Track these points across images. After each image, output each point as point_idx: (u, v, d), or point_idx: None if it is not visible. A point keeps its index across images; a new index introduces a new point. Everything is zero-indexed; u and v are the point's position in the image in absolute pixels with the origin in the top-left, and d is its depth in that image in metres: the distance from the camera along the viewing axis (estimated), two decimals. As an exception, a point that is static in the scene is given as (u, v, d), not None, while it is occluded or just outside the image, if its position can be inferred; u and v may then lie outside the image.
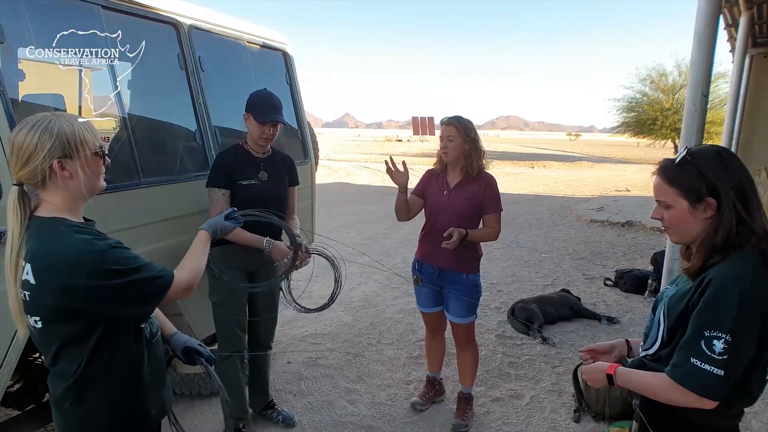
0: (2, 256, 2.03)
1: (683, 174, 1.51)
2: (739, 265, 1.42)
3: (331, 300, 3.07)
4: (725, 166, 1.47)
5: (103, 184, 1.58)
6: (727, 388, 1.40)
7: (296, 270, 2.96)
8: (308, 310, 3.17)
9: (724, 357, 1.37)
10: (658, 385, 1.49)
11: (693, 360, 1.41)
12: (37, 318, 1.47)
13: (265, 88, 3.00)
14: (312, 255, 3.05)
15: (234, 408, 3.16)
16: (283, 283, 3.09)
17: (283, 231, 2.86)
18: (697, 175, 1.48)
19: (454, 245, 3.00)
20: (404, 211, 3.28)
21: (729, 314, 1.37)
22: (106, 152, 1.56)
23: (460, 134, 3.13)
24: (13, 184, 1.46)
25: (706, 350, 1.39)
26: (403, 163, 3.15)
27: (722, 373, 1.37)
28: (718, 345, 1.37)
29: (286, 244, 2.87)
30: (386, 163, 3.10)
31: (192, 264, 1.74)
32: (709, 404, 1.42)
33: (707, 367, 1.39)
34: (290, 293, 3.15)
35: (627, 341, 1.85)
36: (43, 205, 1.49)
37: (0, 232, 2.06)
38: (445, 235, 3.02)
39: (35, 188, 1.48)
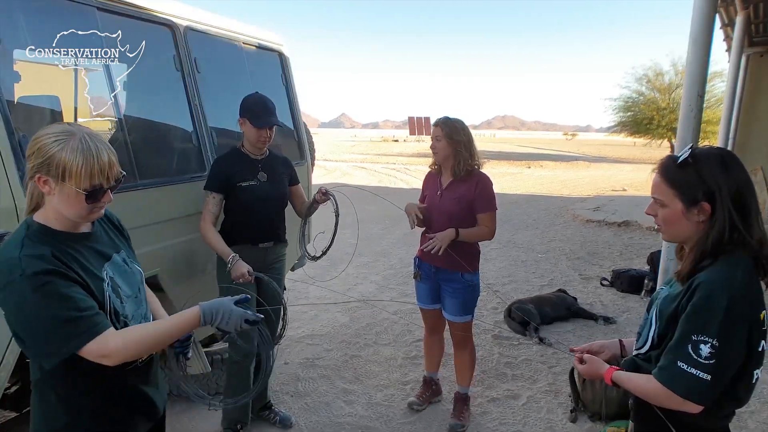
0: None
1: (683, 175, 1.49)
2: (729, 270, 1.42)
3: (332, 239, 3.28)
4: (727, 172, 1.45)
5: (99, 214, 1.52)
6: (714, 393, 1.41)
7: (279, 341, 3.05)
8: (316, 258, 3.34)
9: (711, 362, 1.37)
10: (648, 387, 1.50)
11: (680, 363, 1.41)
12: None
13: (256, 92, 3.03)
14: (329, 198, 3.13)
15: (238, 411, 3.16)
16: (302, 240, 3.39)
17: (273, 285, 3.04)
18: (697, 178, 1.46)
19: (441, 247, 3.08)
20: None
21: (716, 319, 1.37)
22: (103, 192, 1.46)
23: (446, 135, 3.18)
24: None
25: (693, 354, 1.39)
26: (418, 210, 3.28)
27: (709, 377, 1.38)
28: (705, 349, 1.38)
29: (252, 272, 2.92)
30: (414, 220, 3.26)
31: (147, 337, 1.48)
32: (694, 408, 1.42)
33: (693, 371, 1.39)
34: (306, 249, 3.35)
35: (620, 341, 1.86)
36: (41, 209, 1.48)
37: (3, 233, 2.06)
38: (425, 248, 3.14)
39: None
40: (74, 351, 1.38)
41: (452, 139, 3.17)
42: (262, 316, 1.65)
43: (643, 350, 1.61)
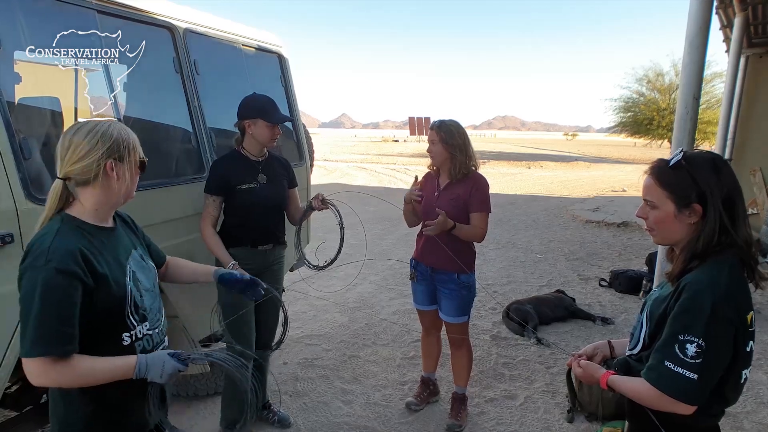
0: (7, 257, 2.07)
1: (675, 178, 1.52)
2: (715, 271, 1.45)
3: (338, 252, 3.17)
4: (718, 175, 1.48)
5: (132, 196, 1.66)
6: (703, 393, 1.43)
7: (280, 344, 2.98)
8: (320, 268, 3.27)
9: (697, 361, 1.39)
10: (641, 390, 1.51)
11: (667, 363, 1.44)
12: None
13: (254, 92, 3.03)
14: (328, 206, 3.13)
15: (237, 410, 3.17)
16: (298, 245, 3.28)
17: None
18: (689, 180, 1.49)
19: (434, 231, 3.08)
20: (413, 220, 3.48)
21: (702, 319, 1.39)
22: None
23: (441, 139, 3.20)
24: (58, 178, 1.54)
25: (680, 354, 1.41)
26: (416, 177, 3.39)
27: (695, 377, 1.40)
28: (691, 349, 1.40)
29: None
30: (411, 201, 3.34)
31: (86, 372, 1.48)
32: (686, 409, 1.44)
33: (680, 370, 1.41)
34: (304, 256, 3.30)
35: (609, 342, 1.89)
36: (74, 204, 1.57)
37: (4, 234, 2.09)
38: (428, 226, 3.13)
39: (77, 186, 1.55)
40: (26, 356, 1.41)
41: (448, 143, 3.18)
42: (187, 367, 1.64)
43: (635, 351, 1.64)
